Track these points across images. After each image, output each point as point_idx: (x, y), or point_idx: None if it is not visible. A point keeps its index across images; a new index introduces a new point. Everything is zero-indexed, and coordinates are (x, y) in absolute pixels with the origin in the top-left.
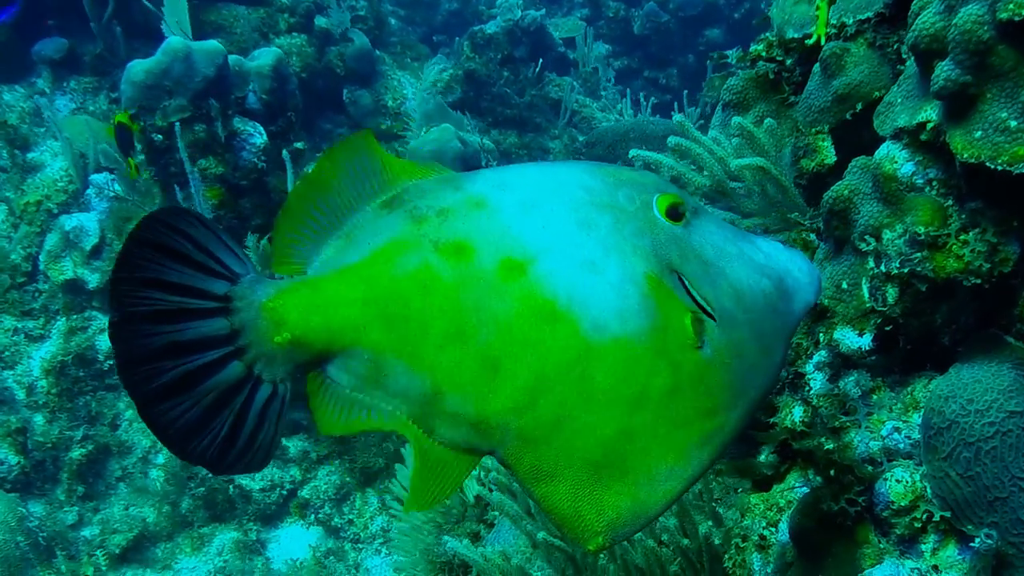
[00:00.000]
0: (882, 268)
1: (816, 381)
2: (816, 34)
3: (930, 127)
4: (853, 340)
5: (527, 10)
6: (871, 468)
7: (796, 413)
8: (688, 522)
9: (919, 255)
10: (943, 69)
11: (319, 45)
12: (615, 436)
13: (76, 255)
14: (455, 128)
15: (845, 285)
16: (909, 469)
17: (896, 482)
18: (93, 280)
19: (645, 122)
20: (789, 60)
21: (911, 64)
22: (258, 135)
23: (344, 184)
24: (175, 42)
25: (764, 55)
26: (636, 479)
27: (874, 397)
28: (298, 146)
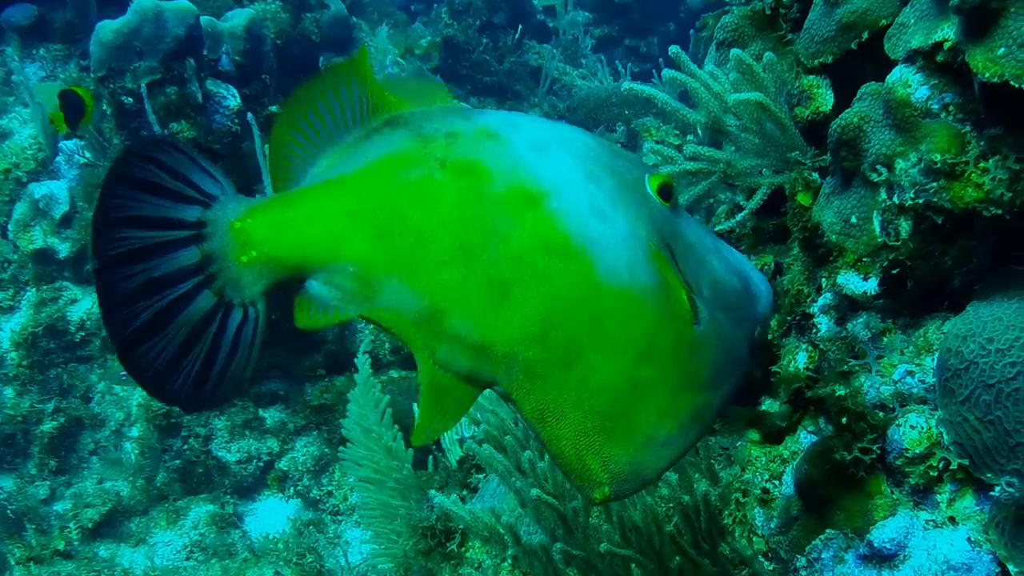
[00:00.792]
0: (895, 200)
1: (822, 324)
2: None
3: (947, 47)
4: (858, 284)
5: None
6: (882, 414)
7: (800, 359)
8: (685, 479)
9: (935, 185)
10: None
11: (294, 11)
12: (623, 387)
13: (46, 224)
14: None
15: (854, 219)
16: (924, 414)
17: (910, 428)
18: (64, 249)
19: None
20: None
21: None
22: (232, 98)
23: (343, 98)
24: (145, 1)
25: None
26: (639, 439)
27: (884, 340)
28: (273, 109)
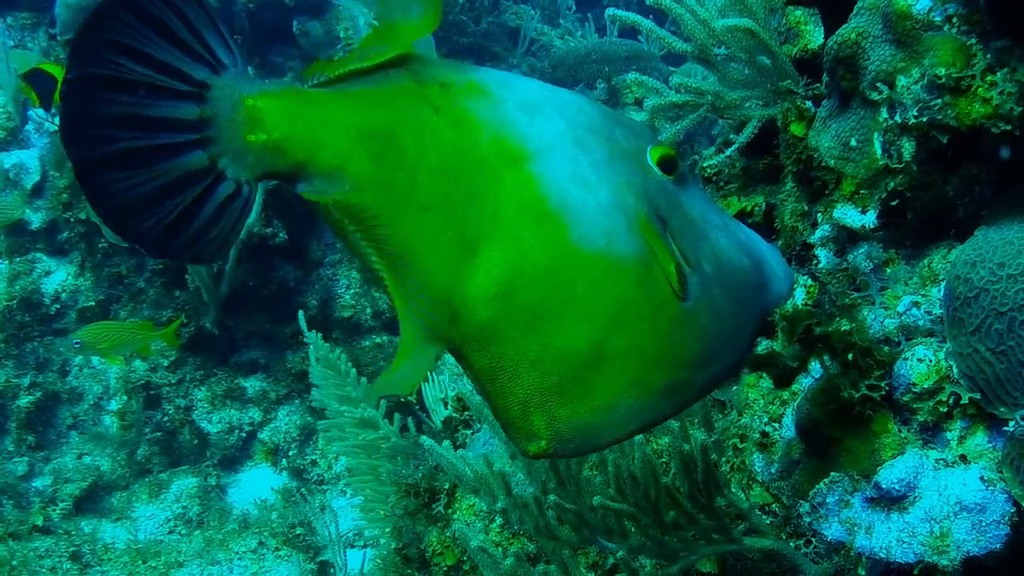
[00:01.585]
0: (896, 119)
1: (822, 256)
2: None
3: None
4: (856, 218)
5: None
6: (887, 349)
7: (798, 295)
8: (684, 428)
9: (939, 101)
10: None
11: None
12: (586, 353)
13: (17, 194)
14: None
15: (854, 142)
16: (932, 347)
17: (918, 361)
18: (36, 220)
19: (608, 43)
20: None
21: None
22: None
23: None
24: None
25: None
26: (596, 405)
27: (887, 271)
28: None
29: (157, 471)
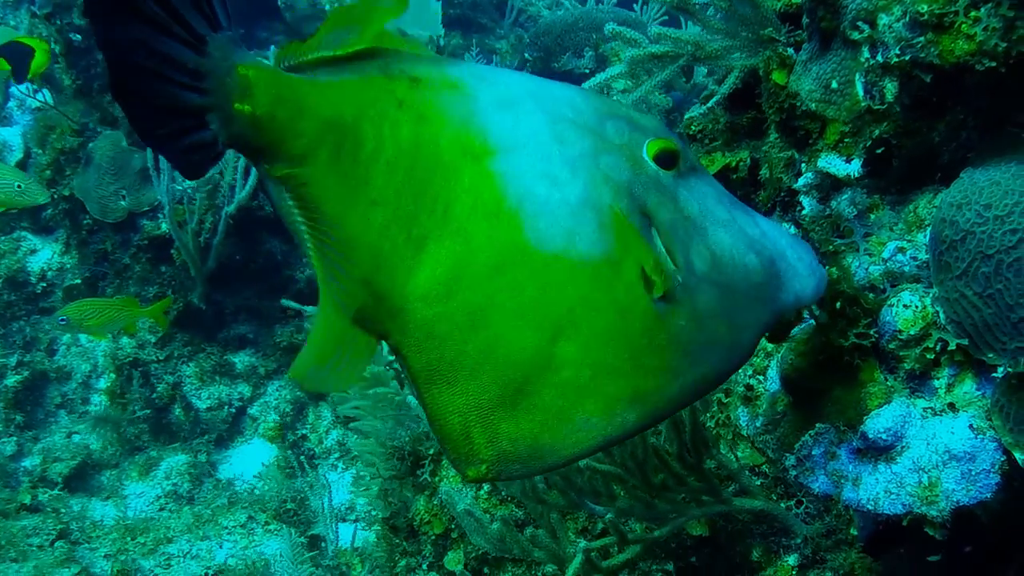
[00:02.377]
0: (878, 58)
1: (806, 203)
2: None
3: None
4: (840, 167)
5: None
6: (873, 296)
7: None
8: None
9: (922, 39)
10: None
11: None
12: (532, 359)
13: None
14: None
15: (835, 84)
16: (918, 293)
17: (904, 307)
18: None
19: (594, 10)
20: None
21: None
22: None
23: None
24: None
25: None
26: (545, 418)
27: (872, 216)
28: None
29: (145, 448)
